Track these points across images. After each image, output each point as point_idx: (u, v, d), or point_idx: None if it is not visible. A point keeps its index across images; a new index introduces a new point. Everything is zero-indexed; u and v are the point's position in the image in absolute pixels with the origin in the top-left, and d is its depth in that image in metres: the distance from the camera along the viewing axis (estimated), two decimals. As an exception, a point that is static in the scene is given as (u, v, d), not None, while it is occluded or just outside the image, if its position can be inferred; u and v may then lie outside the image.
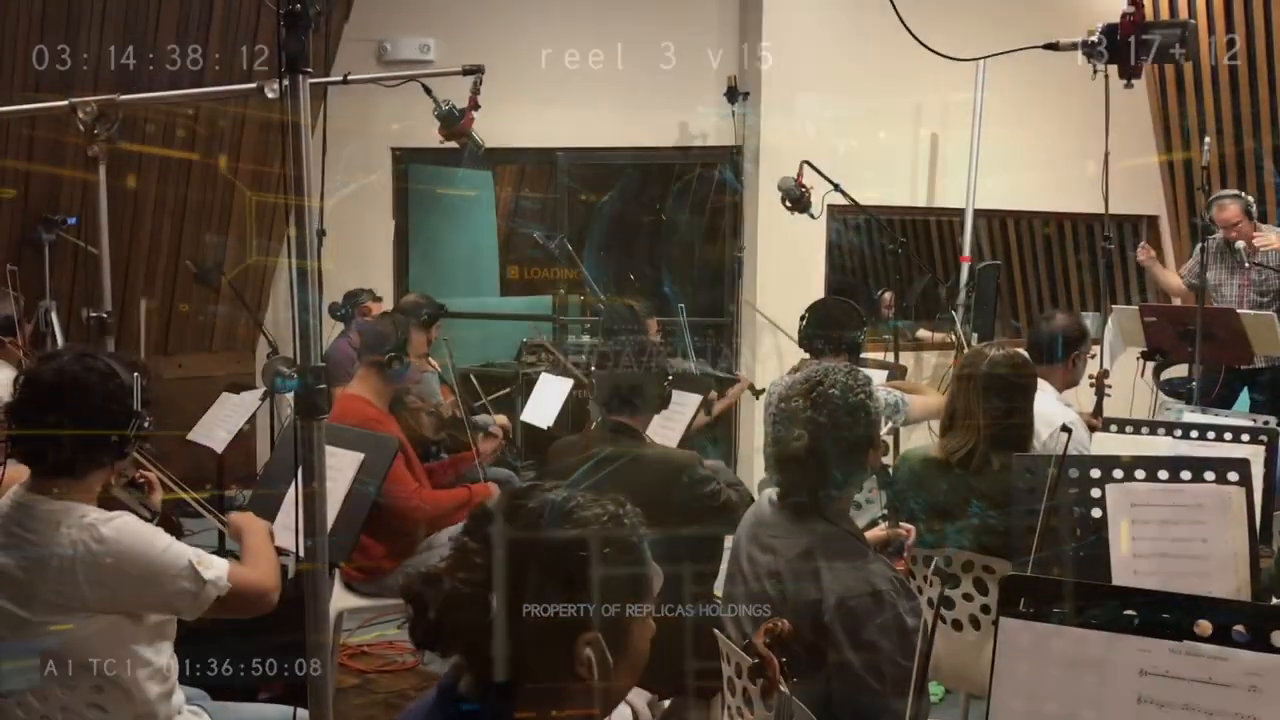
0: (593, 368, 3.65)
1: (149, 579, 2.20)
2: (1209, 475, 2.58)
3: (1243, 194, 5.86)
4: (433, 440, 4.14)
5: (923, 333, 7.55)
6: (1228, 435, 3.38)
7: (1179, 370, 5.90)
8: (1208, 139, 5.31)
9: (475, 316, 8.11)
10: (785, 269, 6.63)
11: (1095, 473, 2.65)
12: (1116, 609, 1.65)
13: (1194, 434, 3.40)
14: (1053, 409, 3.61)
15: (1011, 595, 1.70)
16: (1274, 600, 2.71)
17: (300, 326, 1.92)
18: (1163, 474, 2.61)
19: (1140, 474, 2.61)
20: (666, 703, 3.42)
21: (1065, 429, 2.29)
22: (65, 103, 3.22)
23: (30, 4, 5.65)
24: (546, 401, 5.16)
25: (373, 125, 6.77)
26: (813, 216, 5.53)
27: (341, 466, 3.01)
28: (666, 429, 4.08)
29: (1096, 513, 2.65)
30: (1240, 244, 5.74)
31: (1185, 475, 2.59)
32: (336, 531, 2.76)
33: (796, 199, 5.40)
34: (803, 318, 4.34)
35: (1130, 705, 1.60)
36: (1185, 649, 1.60)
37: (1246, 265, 5.77)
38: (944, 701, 3.95)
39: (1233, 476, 2.57)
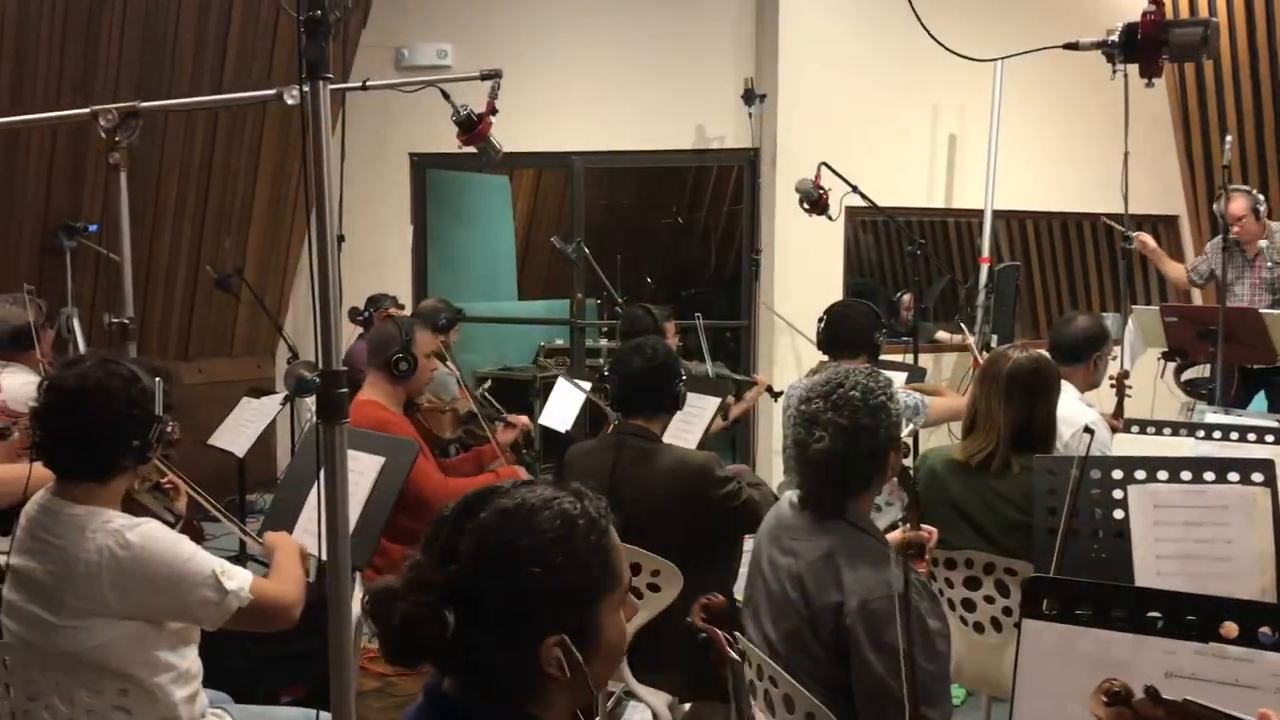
0: (606, 371, 3.64)
1: (172, 587, 2.22)
2: (1233, 476, 2.56)
3: (1254, 192, 5.84)
4: (450, 439, 4.15)
5: (941, 334, 7.52)
6: (1251, 436, 3.36)
7: (1202, 370, 5.87)
8: (1229, 137, 5.28)
9: (493, 321, 8.14)
10: (803, 271, 6.63)
11: (1117, 474, 2.64)
12: (1141, 611, 1.64)
13: (1216, 435, 3.37)
14: (1075, 410, 3.59)
15: (1034, 597, 1.70)
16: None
17: (321, 330, 1.93)
18: (1186, 475, 2.59)
19: (1163, 475, 2.59)
20: (687, 706, 3.41)
21: (1088, 430, 2.27)
22: (87, 110, 3.24)
23: (53, 14, 5.69)
24: (564, 405, 5.16)
25: (391, 131, 6.81)
26: (830, 218, 5.53)
27: (362, 470, 3.01)
28: (684, 432, 4.07)
29: (1119, 514, 2.64)
30: (1263, 243, 5.72)
31: (1209, 476, 2.58)
32: (358, 535, 2.76)
33: (814, 201, 5.40)
34: (821, 320, 4.34)
35: (1155, 708, 1.59)
36: (1211, 651, 1.58)
37: (1270, 264, 5.75)
38: (966, 704, 3.93)
39: (1257, 477, 2.55)
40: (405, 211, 7.13)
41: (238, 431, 4.99)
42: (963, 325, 6.14)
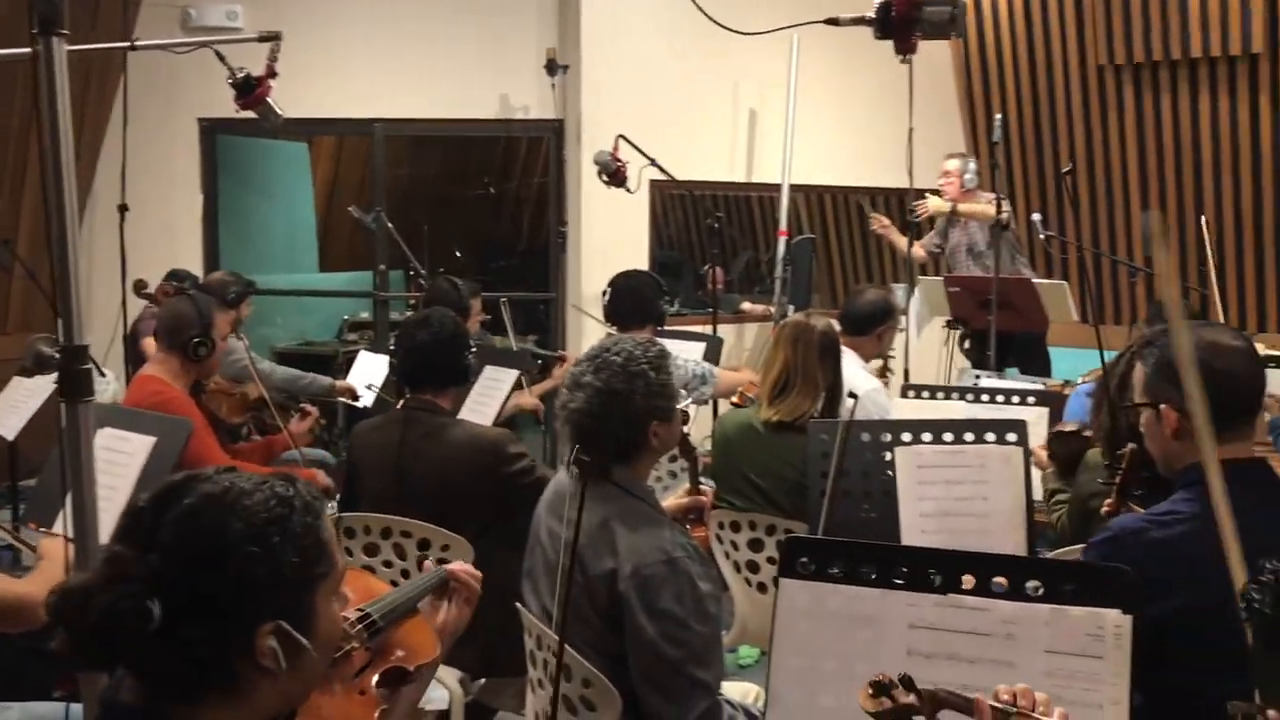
0: (391, 344, 3.56)
1: None
2: (990, 436, 2.71)
3: (967, 158, 6.12)
4: (237, 423, 3.99)
5: (746, 305, 7.69)
6: (1015, 399, 3.59)
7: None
8: (998, 115, 5.54)
9: (290, 294, 7.88)
10: (610, 244, 6.62)
11: (886, 436, 2.76)
12: (889, 567, 1.71)
13: (985, 398, 3.60)
14: (859, 377, 3.74)
15: (791, 556, 1.75)
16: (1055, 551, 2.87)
17: (62, 302, 1.82)
18: (948, 436, 2.72)
19: (927, 437, 2.72)
20: (481, 681, 3.40)
21: (852, 395, 2.36)
22: None
23: None
24: (366, 380, 5.06)
25: (178, 95, 6.47)
26: (629, 191, 5.55)
27: (132, 451, 2.87)
28: (482, 406, 4.04)
29: (888, 475, 2.75)
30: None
31: (968, 437, 2.72)
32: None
33: (612, 173, 5.40)
34: (604, 292, 4.36)
35: (900, 658, 1.67)
36: (950, 602, 1.67)
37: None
38: (760, 664, 4.05)
39: (1011, 437, 2.70)
40: (195, 179, 6.81)
41: (8, 413, 4.67)
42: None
